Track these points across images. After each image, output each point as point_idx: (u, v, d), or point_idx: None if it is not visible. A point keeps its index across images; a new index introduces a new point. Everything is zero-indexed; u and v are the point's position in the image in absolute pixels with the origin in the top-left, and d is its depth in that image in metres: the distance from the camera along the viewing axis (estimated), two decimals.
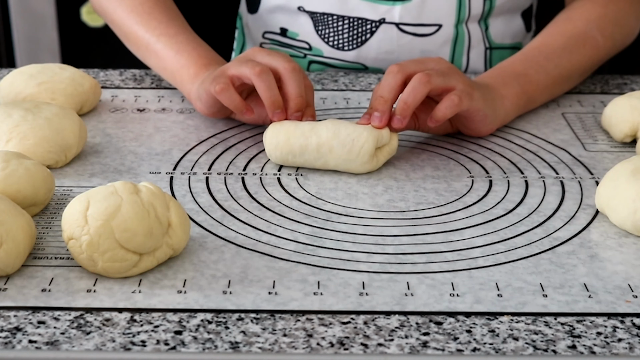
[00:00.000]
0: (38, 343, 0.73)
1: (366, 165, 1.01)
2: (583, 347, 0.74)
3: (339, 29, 1.33)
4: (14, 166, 0.90)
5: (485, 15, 1.33)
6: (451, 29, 1.32)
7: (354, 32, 1.32)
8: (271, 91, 1.04)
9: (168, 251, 0.84)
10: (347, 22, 1.32)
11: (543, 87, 1.19)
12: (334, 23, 1.32)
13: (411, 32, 1.32)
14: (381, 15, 1.31)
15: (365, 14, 1.32)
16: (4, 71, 1.32)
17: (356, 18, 1.32)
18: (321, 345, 0.74)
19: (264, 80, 1.04)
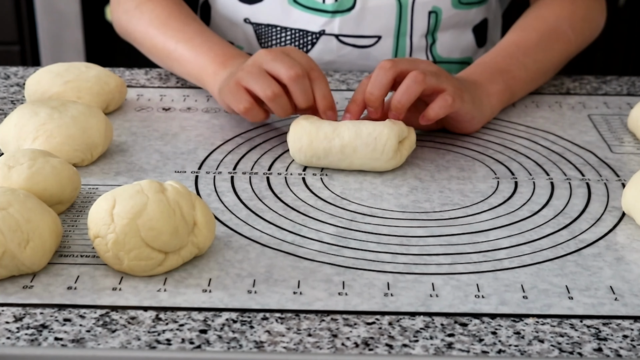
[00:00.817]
0: (64, 340, 0.74)
1: (391, 161, 1.02)
2: (609, 350, 0.74)
3: (282, 40, 1.33)
4: (40, 164, 0.90)
5: (431, 29, 1.33)
6: (391, 41, 1.32)
7: (296, 44, 1.33)
8: (284, 112, 1.06)
9: (193, 250, 0.84)
10: (290, 33, 1.32)
11: (523, 82, 1.21)
12: (278, 34, 1.33)
13: (351, 44, 1.32)
14: (321, 27, 1.31)
15: (306, 26, 1.32)
16: (30, 70, 1.33)
17: (298, 30, 1.32)
18: (346, 345, 0.74)
19: (276, 103, 1.05)
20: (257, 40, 1.35)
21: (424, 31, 1.33)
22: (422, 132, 1.14)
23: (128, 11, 1.31)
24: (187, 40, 1.22)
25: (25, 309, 0.78)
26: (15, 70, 1.32)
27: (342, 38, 1.32)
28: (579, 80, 1.33)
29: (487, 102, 1.14)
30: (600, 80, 1.33)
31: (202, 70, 1.18)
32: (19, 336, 0.74)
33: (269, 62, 1.05)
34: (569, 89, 1.29)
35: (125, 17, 1.31)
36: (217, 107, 1.20)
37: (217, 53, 1.18)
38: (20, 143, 1.00)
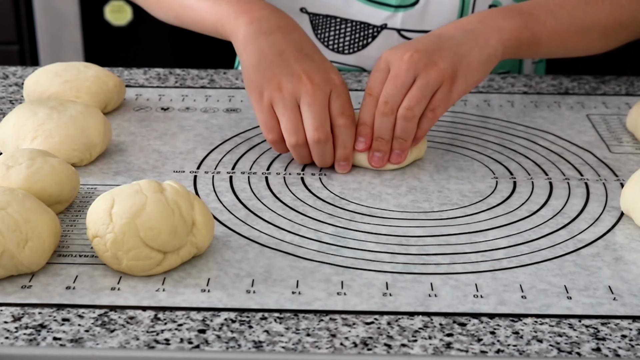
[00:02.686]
0: (62, 340, 0.74)
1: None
2: (608, 350, 0.74)
3: (341, 33, 1.32)
4: (39, 164, 0.90)
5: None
6: None
7: (355, 36, 1.32)
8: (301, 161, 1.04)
9: (192, 250, 0.84)
10: (350, 25, 1.32)
11: (552, 30, 1.11)
12: (336, 26, 1.32)
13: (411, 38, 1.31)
14: (383, 20, 1.30)
15: (368, 19, 1.31)
16: (29, 69, 1.33)
17: (359, 22, 1.31)
18: (344, 345, 0.74)
19: (297, 152, 1.02)
20: (313, 31, 1.34)
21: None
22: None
23: None
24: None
25: (24, 309, 0.78)
26: (14, 70, 1.32)
27: (404, 33, 1.31)
28: (577, 80, 1.33)
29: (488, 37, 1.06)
30: (599, 80, 1.33)
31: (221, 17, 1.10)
32: (18, 336, 0.74)
33: (304, 104, 1.00)
34: (568, 89, 1.29)
35: None
36: (215, 107, 1.20)
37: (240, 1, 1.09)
38: (19, 143, 1.00)
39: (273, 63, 1.02)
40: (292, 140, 1.00)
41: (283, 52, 1.02)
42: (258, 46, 1.04)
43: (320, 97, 0.99)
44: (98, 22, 2.45)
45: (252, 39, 1.04)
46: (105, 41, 2.47)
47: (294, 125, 1.00)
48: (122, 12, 2.44)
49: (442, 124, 1.17)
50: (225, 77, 1.31)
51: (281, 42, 1.03)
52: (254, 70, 1.02)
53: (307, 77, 1.00)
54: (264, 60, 1.02)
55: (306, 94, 0.99)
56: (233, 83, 1.29)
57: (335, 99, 1.01)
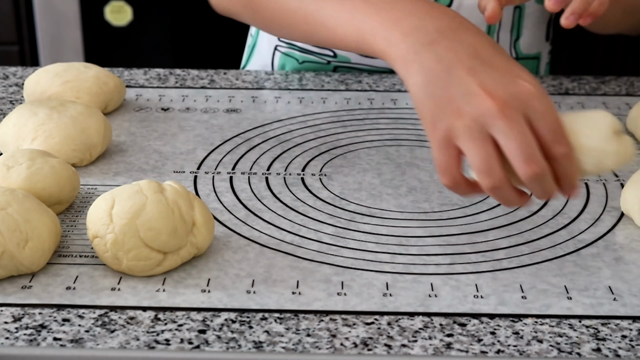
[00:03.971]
0: (63, 341, 0.74)
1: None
2: (608, 350, 0.74)
3: None
4: (39, 164, 0.90)
5: (516, 23, 1.32)
6: None
7: None
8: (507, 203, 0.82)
9: (192, 250, 0.84)
10: None
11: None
12: None
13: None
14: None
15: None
16: (29, 70, 1.33)
17: None
18: (345, 345, 0.74)
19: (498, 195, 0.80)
20: None
21: (509, 26, 1.31)
22: (420, 132, 1.14)
23: None
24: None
25: (24, 309, 0.78)
26: (14, 71, 1.32)
27: None
28: (577, 80, 1.33)
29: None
30: (599, 80, 1.33)
31: (364, 35, 0.89)
32: (18, 336, 0.74)
33: (500, 132, 0.77)
34: (568, 89, 1.29)
35: None
36: (216, 107, 1.20)
37: (380, 7, 0.88)
38: (19, 143, 1.00)
39: (444, 82, 0.80)
40: (488, 182, 0.78)
41: (454, 66, 0.80)
42: (422, 63, 0.82)
43: (516, 118, 0.77)
44: (98, 22, 2.44)
45: (412, 56, 0.83)
46: (106, 41, 2.47)
47: (487, 161, 0.78)
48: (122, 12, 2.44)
49: None
50: (225, 77, 1.31)
51: (448, 52, 0.81)
52: (423, 95, 0.81)
53: (490, 94, 0.78)
54: (434, 80, 0.81)
55: (495, 117, 0.77)
56: (233, 83, 1.29)
57: (537, 116, 0.78)
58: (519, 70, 0.80)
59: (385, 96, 1.25)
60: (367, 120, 1.17)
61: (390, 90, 1.27)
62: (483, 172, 0.78)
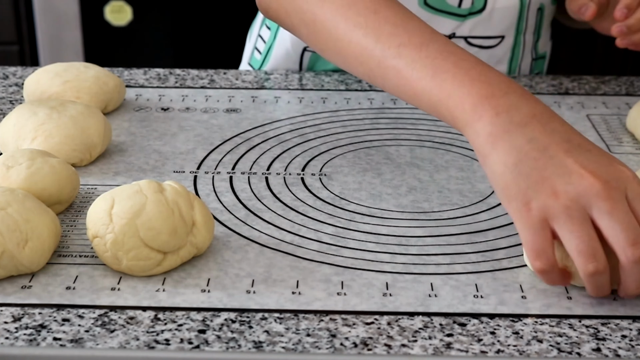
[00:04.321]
0: (62, 340, 0.74)
1: None
2: (608, 350, 0.74)
3: None
4: (39, 164, 0.90)
5: (538, 25, 1.33)
6: (511, 40, 1.32)
7: None
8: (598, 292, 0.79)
9: (192, 250, 0.84)
10: None
11: None
12: None
13: (477, 45, 1.31)
14: (452, 29, 1.28)
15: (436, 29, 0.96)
16: (29, 70, 1.33)
17: None
18: (345, 345, 0.74)
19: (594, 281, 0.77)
20: None
21: (533, 28, 1.33)
22: (421, 132, 1.14)
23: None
24: (418, 47, 0.88)
25: (24, 309, 0.78)
26: (14, 70, 1.32)
27: (471, 40, 1.30)
28: (577, 80, 1.33)
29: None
30: (599, 80, 1.33)
31: (450, 101, 0.85)
32: (18, 336, 0.74)
33: (603, 212, 0.75)
34: (568, 89, 1.29)
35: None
36: (216, 107, 1.20)
37: (473, 78, 0.84)
38: (19, 143, 1.00)
39: (538, 162, 0.78)
40: (591, 267, 0.75)
41: (548, 148, 0.78)
42: (512, 143, 0.79)
43: (619, 199, 0.75)
44: (98, 22, 2.44)
45: (502, 134, 0.80)
46: (106, 41, 2.47)
47: (589, 244, 0.75)
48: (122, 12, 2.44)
49: (442, 124, 1.17)
50: (225, 77, 1.31)
51: (542, 135, 0.79)
52: (513, 175, 0.78)
53: (592, 174, 0.76)
54: (525, 159, 0.78)
55: (599, 198, 0.75)
56: (233, 83, 1.29)
57: (636, 200, 0.76)
58: (613, 157, 0.79)
59: (385, 96, 1.25)
60: (367, 120, 1.17)
61: None
62: (586, 255, 0.75)
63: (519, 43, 1.32)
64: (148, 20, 2.45)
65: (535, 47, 1.36)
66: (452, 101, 0.84)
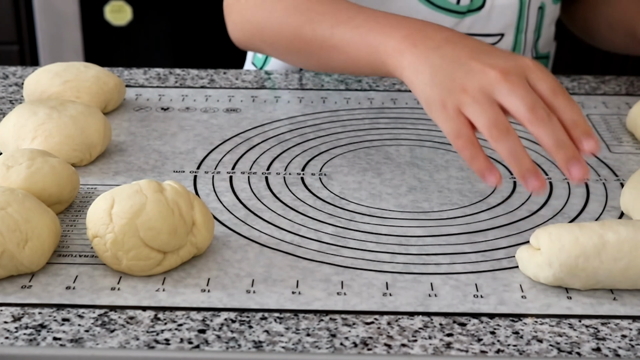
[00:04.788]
0: (62, 340, 0.74)
1: None
2: (608, 350, 0.74)
3: None
4: (39, 164, 0.90)
5: (538, 25, 1.34)
6: (511, 38, 1.32)
7: None
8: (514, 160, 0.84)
9: (192, 250, 0.84)
10: None
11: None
12: None
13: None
14: (452, 26, 1.29)
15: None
16: (28, 69, 1.33)
17: None
18: (344, 345, 0.74)
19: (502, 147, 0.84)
20: None
21: (534, 27, 1.34)
22: (420, 131, 1.14)
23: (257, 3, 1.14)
24: (346, 22, 1.01)
25: (24, 309, 0.78)
26: (13, 70, 1.32)
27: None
28: (577, 80, 1.33)
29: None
30: (599, 80, 1.33)
31: (379, 51, 0.96)
32: (18, 336, 0.74)
33: (503, 95, 0.85)
34: (568, 89, 1.29)
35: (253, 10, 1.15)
36: (216, 107, 1.20)
37: (393, 26, 0.96)
38: (19, 143, 1.00)
39: (449, 71, 0.88)
40: (494, 132, 0.84)
41: (458, 58, 0.89)
42: (429, 63, 0.90)
43: (518, 81, 0.85)
44: (98, 22, 2.44)
45: (421, 59, 0.91)
46: (105, 41, 2.47)
47: (495, 117, 0.84)
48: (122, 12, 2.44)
49: None
50: (225, 77, 1.31)
51: (453, 51, 0.90)
52: (430, 86, 0.89)
53: (493, 67, 0.86)
54: (439, 72, 0.89)
55: (499, 83, 0.85)
56: (233, 83, 1.29)
57: (537, 81, 0.85)
58: (518, 56, 0.88)
59: (385, 96, 1.25)
60: (366, 120, 1.17)
61: (390, 89, 1.27)
62: (492, 126, 0.84)
63: (519, 41, 1.33)
64: (148, 20, 2.45)
65: (535, 46, 1.36)
66: (381, 52, 0.95)
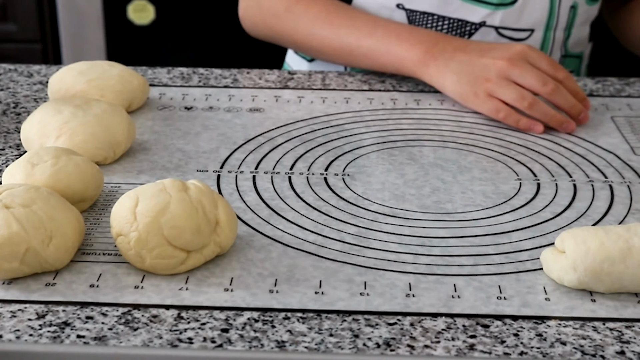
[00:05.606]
0: (86, 338, 0.74)
1: None
2: (632, 353, 0.74)
3: (437, 30, 1.32)
4: (63, 162, 0.90)
5: (569, 23, 1.33)
6: (540, 34, 1.33)
7: (453, 33, 1.32)
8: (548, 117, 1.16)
9: (215, 249, 0.84)
10: (447, 22, 1.32)
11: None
12: (434, 23, 1.32)
13: (508, 36, 1.32)
14: (482, 18, 1.30)
15: (467, 16, 1.31)
16: (53, 68, 1.33)
17: (457, 19, 1.31)
18: (367, 345, 0.74)
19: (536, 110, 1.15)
20: None
21: (564, 25, 1.34)
22: (444, 132, 1.13)
23: (278, 14, 1.35)
24: (369, 35, 1.27)
25: (48, 307, 0.78)
26: (38, 69, 1.32)
27: (502, 30, 1.32)
28: (602, 82, 1.32)
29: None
30: (624, 82, 1.32)
31: (405, 61, 1.24)
32: (42, 333, 0.74)
33: (518, 77, 1.15)
34: (592, 91, 1.29)
35: (276, 20, 1.36)
36: (239, 107, 1.20)
37: (410, 42, 1.24)
38: (44, 141, 1.01)
39: (469, 72, 1.18)
40: (526, 103, 1.14)
41: (470, 61, 1.19)
42: (451, 70, 1.20)
43: (522, 64, 1.16)
44: (121, 21, 2.45)
45: (444, 68, 1.20)
46: (128, 40, 2.48)
47: (519, 92, 1.15)
48: (144, 11, 2.45)
49: (465, 125, 1.16)
50: (248, 76, 1.31)
51: (465, 56, 1.19)
52: (460, 85, 1.19)
53: (500, 59, 1.16)
54: (462, 76, 1.19)
55: (510, 69, 1.15)
56: (256, 83, 1.29)
57: (538, 61, 1.17)
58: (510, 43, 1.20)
59: (409, 96, 1.25)
60: (390, 121, 1.17)
61: (414, 90, 1.27)
62: (520, 98, 1.15)
63: (548, 38, 1.33)
64: (170, 19, 2.46)
65: (565, 44, 1.36)
66: (407, 63, 1.24)
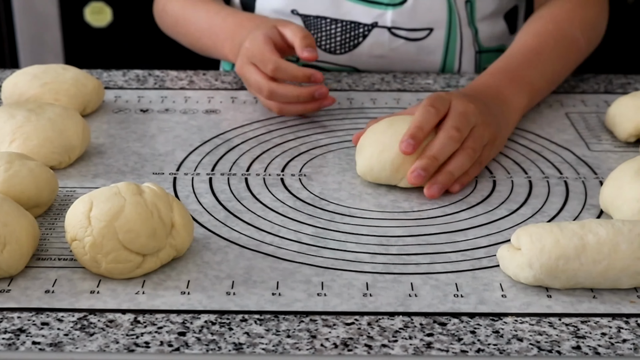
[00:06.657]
0: (42, 344, 0.73)
1: None
2: (587, 348, 0.74)
3: (332, 33, 1.33)
4: (17, 167, 0.90)
5: (470, 18, 1.34)
6: (442, 33, 1.33)
7: (346, 36, 1.33)
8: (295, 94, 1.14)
9: (171, 252, 0.84)
10: (340, 25, 1.32)
11: (540, 94, 1.20)
12: (327, 26, 1.33)
13: (403, 37, 1.32)
14: (374, 19, 1.31)
15: (358, 18, 1.32)
16: (7, 72, 1.32)
17: (349, 22, 1.32)
18: (325, 346, 0.74)
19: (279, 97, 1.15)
20: None
21: (466, 21, 1.34)
22: None
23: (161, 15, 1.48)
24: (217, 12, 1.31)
25: (3, 313, 0.77)
26: None
27: (395, 30, 1.32)
28: None
29: (511, 119, 1.11)
30: (578, 78, 1.33)
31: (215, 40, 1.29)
32: None
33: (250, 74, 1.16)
34: None
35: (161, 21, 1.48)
36: (195, 108, 1.20)
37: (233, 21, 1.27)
38: None
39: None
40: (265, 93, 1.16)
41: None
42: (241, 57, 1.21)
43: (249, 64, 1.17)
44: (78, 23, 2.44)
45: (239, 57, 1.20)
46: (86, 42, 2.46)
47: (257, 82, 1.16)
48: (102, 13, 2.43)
49: None
50: (204, 78, 1.31)
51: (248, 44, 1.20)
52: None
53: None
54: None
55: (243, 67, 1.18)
56: (212, 84, 1.29)
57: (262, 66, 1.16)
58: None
59: (365, 95, 1.25)
60: (346, 120, 1.17)
61: (370, 89, 1.27)
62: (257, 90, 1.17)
63: (453, 36, 1.33)
64: (128, 21, 2.44)
65: (476, 39, 1.37)
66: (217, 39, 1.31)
